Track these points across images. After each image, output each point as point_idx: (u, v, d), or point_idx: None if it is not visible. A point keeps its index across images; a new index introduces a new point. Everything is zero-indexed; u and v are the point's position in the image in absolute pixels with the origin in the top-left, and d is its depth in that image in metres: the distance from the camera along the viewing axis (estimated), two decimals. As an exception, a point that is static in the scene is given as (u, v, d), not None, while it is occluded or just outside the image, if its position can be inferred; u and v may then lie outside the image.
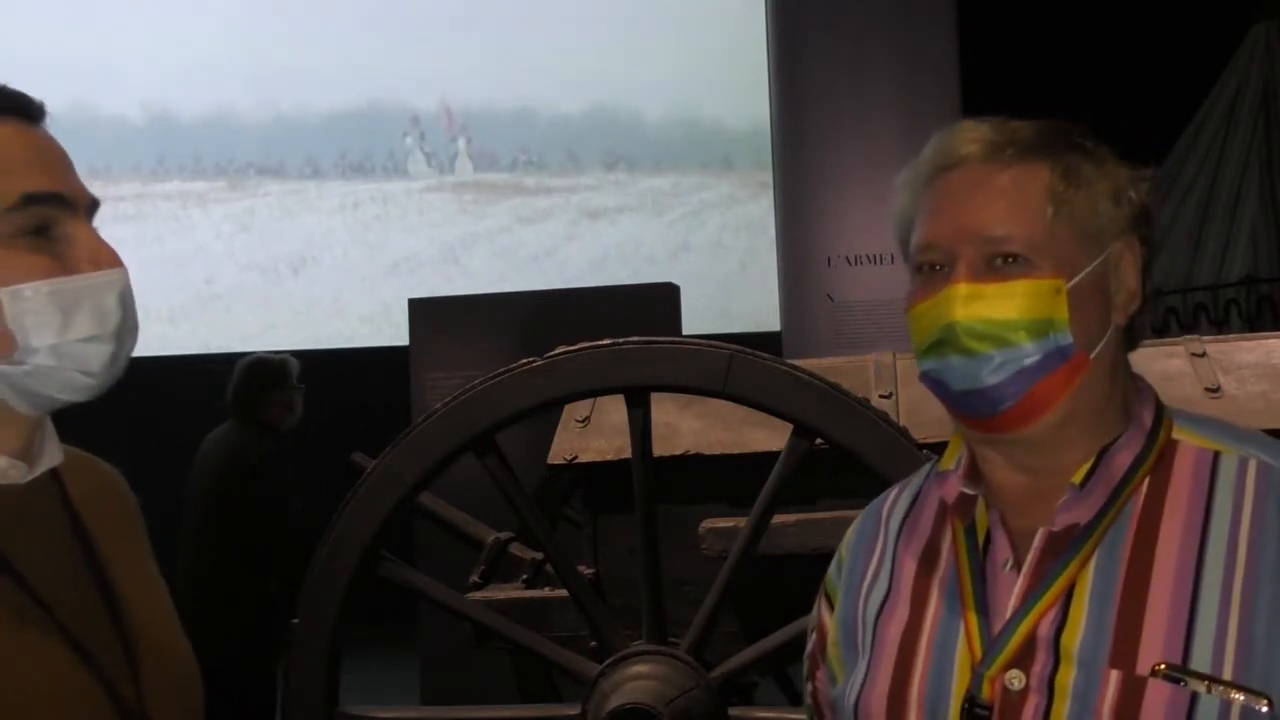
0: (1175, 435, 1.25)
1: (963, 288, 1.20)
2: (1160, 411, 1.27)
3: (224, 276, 9.69)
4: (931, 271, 1.24)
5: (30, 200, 1.15)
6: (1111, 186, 1.23)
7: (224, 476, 5.00)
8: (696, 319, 7.74)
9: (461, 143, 9.97)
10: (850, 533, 1.44)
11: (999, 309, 1.19)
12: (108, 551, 1.28)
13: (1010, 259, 1.20)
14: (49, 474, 1.25)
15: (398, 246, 9.87)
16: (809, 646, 1.46)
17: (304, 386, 5.32)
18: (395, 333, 5.54)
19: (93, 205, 1.22)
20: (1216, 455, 1.23)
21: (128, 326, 1.20)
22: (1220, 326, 7.91)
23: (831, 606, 1.42)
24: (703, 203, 9.96)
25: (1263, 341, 2.75)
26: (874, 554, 1.38)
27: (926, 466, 1.40)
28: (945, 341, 1.21)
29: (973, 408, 1.23)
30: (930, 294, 1.23)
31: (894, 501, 1.41)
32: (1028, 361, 1.19)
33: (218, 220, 9.86)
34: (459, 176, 10.00)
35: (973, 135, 1.26)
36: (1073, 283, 1.20)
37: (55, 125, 1.25)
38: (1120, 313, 1.24)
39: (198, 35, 9.57)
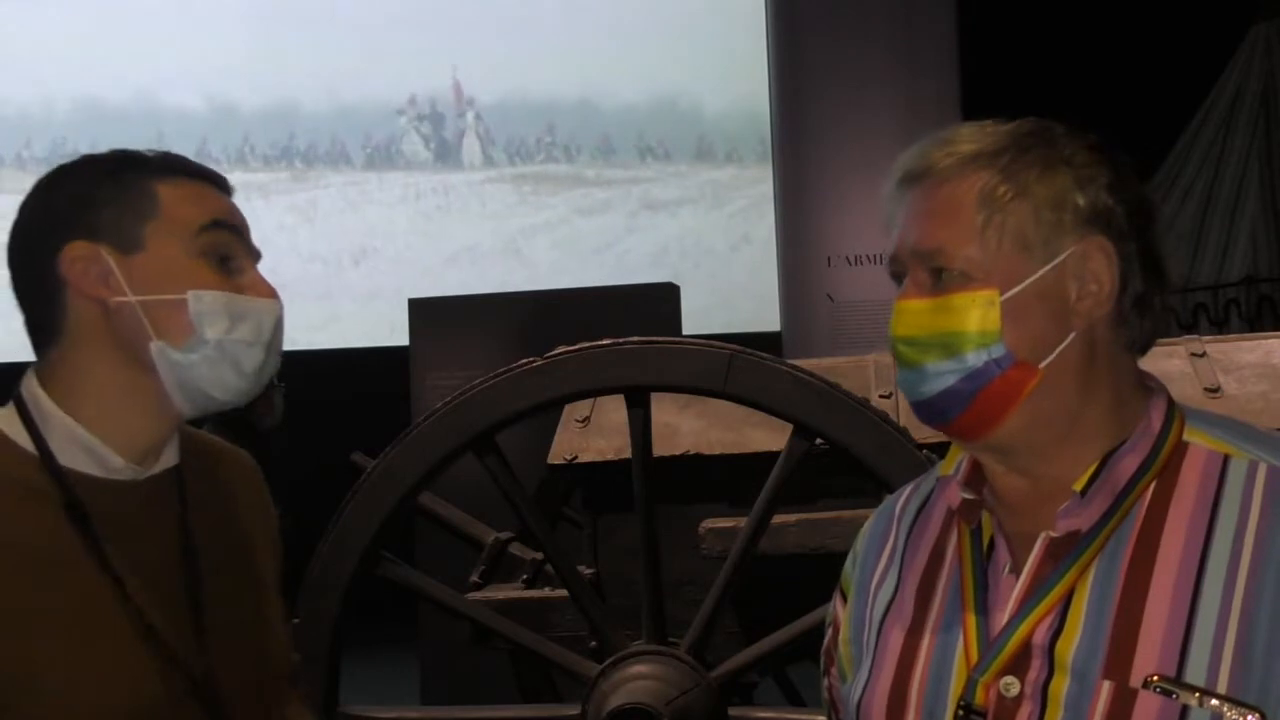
0: (1187, 437, 1.23)
1: (901, 304, 1.25)
2: (1172, 412, 1.25)
3: (287, 267, 9.68)
4: (898, 283, 1.28)
5: (218, 224, 1.42)
6: (1053, 191, 1.20)
7: None
8: (701, 319, 7.73)
9: (470, 117, 9.99)
10: (865, 528, 1.45)
11: (930, 323, 1.22)
12: (214, 543, 1.47)
13: (948, 272, 1.21)
14: (171, 473, 1.46)
15: (458, 238, 9.90)
16: (825, 641, 1.46)
17: (284, 385, 5.26)
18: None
19: (259, 256, 1.49)
20: (1226, 459, 1.20)
21: (276, 346, 1.46)
22: (1220, 326, 7.91)
23: (846, 601, 1.42)
24: (762, 195, 9.99)
25: (1263, 341, 2.75)
26: (884, 553, 1.38)
27: (939, 465, 1.40)
28: (895, 355, 1.27)
29: (925, 417, 1.26)
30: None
31: (907, 500, 1.41)
32: (959, 374, 1.20)
33: (280, 211, 9.89)
34: (519, 168, 10.01)
35: (924, 150, 1.26)
36: (1010, 294, 1.19)
37: (119, 117, 1.48)
38: (1082, 318, 1.20)
39: (259, 25, 9.62)
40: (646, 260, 9.70)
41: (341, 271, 9.83)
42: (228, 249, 1.43)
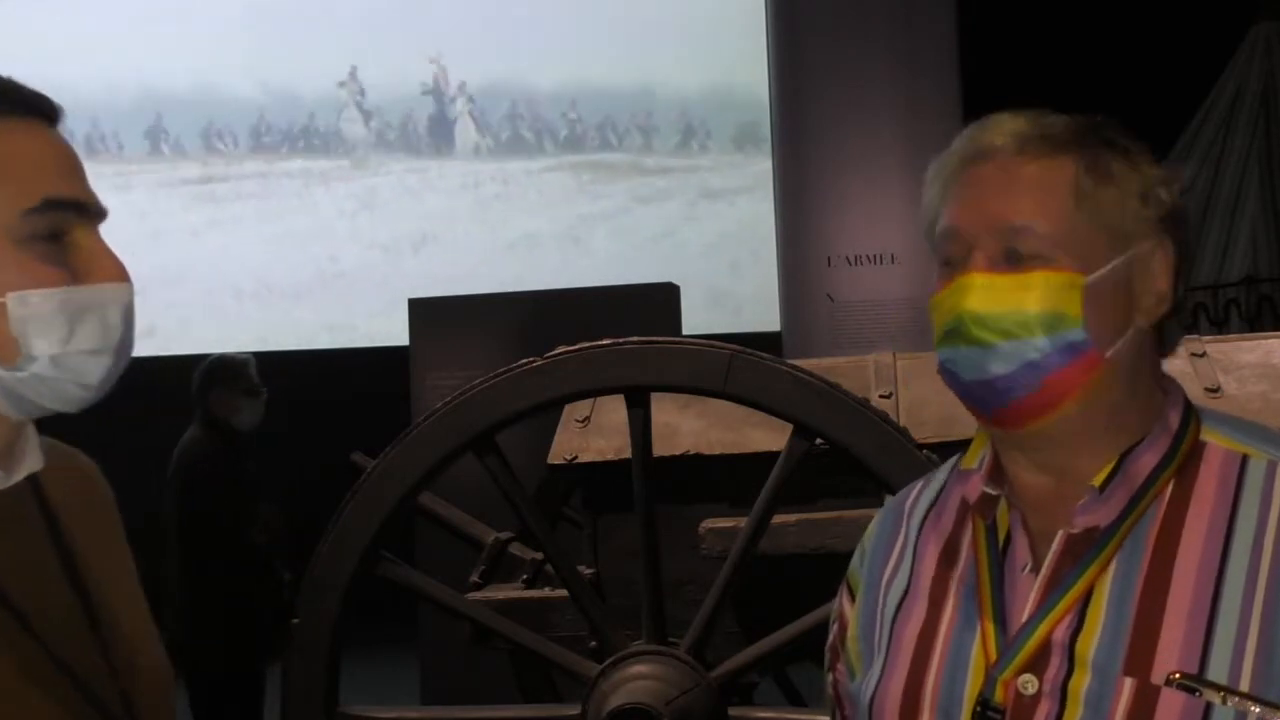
0: (1204, 437, 1.23)
1: (975, 278, 1.20)
2: (1189, 413, 1.25)
3: (347, 254, 9.79)
4: (951, 262, 1.24)
5: (51, 204, 1.13)
6: (1140, 184, 1.21)
7: (171, 477, 4.99)
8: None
9: (461, 103, 10.00)
10: (873, 525, 1.43)
11: (1010, 300, 1.18)
12: (85, 553, 1.26)
13: (1025, 251, 1.19)
14: (27, 477, 1.22)
15: (518, 226, 9.96)
16: (830, 637, 1.45)
17: (265, 391, 5.25)
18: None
19: (102, 214, 1.19)
20: (1245, 459, 1.20)
21: (127, 343, 1.17)
22: (1220, 326, 7.91)
23: (853, 598, 1.41)
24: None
25: (1263, 341, 2.75)
26: (894, 549, 1.37)
27: (951, 461, 1.38)
28: (957, 331, 1.20)
29: (982, 399, 1.22)
30: (947, 283, 1.22)
31: (917, 496, 1.40)
32: (1036, 354, 1.18)
33: (340, 198, 9.98)
34: (579, 156, 10.09)
35: (1002, 128, 1.24)
36: (1091, 279, 1.18)
37: (180, 105, 1.25)
38: (1145, 315, 1.22)
39: (322, 13, 9.73)
40: (703, 249, 9.73)
41: (401, 259, 9.82)
42: (60, 225, 1.13)
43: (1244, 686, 1.09)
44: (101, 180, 1.24)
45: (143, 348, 1.29)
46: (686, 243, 9.89)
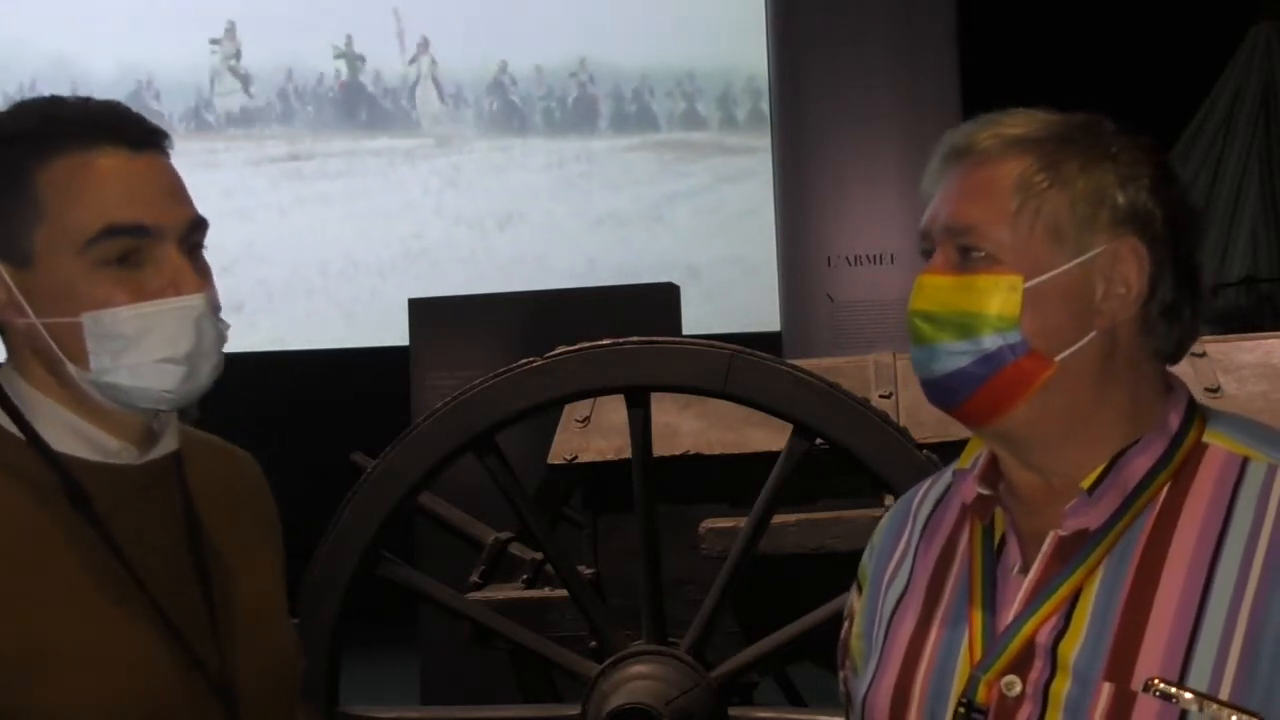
0: (1207, 439, 1.20)
1: (925, 278, 1.23)
2: (1192, 414, 1.23)
3: (432, 231, 9.80)
4: (927, 260, 1.26)
5: (112, 231, 1.24)
6: (1093, 185, 1.19)
7: None
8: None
9: (425, 62, 10.02)
10: (883, 522, 1.43)
11: (950, 301, 1.20)
12: (216, 534, 1.38)
13: (976, 252, 1.19)
14: (171, 459, 1.36)
15: (602, 203, 9.96)
16: (841, 634, 1.45)
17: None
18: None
19: (194, 227, 1.29)
20: (1245, 461, 1.18)
21: (202, 350, 1.28)
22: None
23: (861, 592, 1.41)
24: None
25: (1263, 341, 2.75)
26: (899, 547, 1.37)
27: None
28: (910, 331, 1.24)
29: (934, 397, 1.24)
30: None
31: (924, 494, 1.40)
32: (970, 356, 1.18)
33: (425, 176, 10.00)
34: (661, 135, 10.04)
35: (971, 129, 1.25)
36: (1034, 281, 1.17)
37: (269, 83, 1.29)
38: (1105, 318, 1.19)
39: None
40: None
41: (486, 236, 9.82)
42: (126, 248, 1.25)
43: (1224, 694, 1.08)
44: (189, 158, 1.29)
45: (232, 325, 1.37)
46: (770, 222, 9.89)
